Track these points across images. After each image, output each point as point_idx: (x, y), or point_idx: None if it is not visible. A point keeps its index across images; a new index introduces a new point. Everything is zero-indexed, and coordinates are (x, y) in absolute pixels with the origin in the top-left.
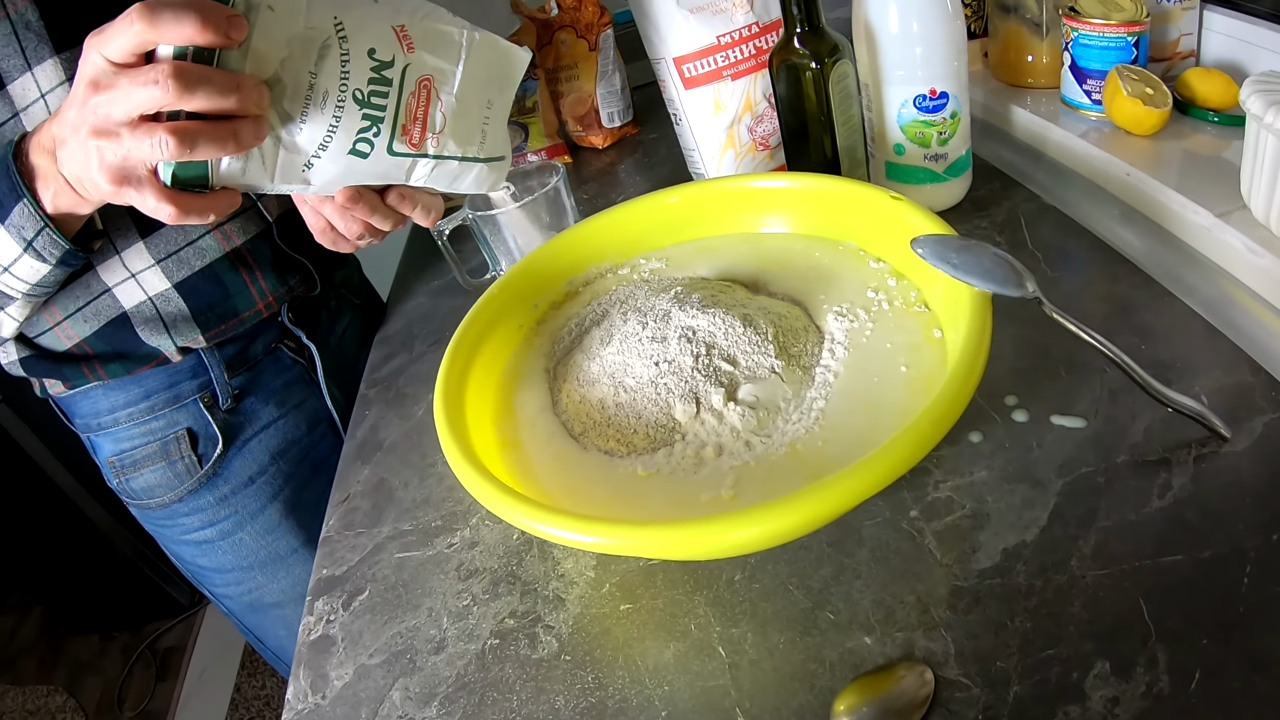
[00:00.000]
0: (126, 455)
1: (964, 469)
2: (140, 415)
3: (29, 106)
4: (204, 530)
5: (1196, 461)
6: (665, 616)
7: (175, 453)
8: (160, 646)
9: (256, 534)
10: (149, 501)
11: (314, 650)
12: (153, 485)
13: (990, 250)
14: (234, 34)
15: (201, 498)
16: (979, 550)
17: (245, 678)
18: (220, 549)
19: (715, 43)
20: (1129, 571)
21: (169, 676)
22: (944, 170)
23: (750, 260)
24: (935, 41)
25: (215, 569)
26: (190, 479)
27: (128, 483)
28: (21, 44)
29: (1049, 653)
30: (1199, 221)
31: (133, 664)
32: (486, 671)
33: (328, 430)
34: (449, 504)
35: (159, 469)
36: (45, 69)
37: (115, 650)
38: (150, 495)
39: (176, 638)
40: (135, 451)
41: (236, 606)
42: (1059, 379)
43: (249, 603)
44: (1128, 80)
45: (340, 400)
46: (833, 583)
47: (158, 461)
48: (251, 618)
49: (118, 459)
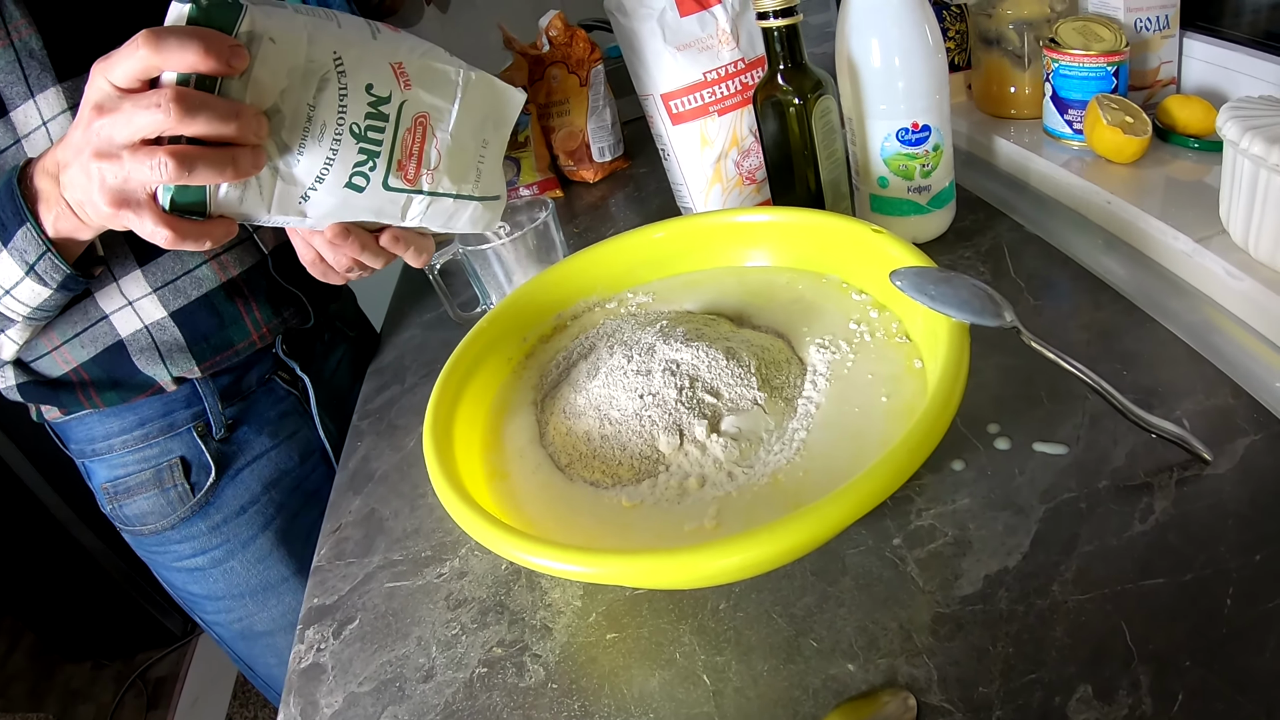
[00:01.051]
0: (120, 482)
1: (946, 496)
2: (134, 442)
3: (30, 134)
4: (196, 558)
5: (1178, 485)
6: (650, 645)
7: (168, 480)
8: (152, 675)
9: (248, 563)
10: (141, 528)
11: (304, 678)
12: (145, 512)
13: (968, 281)
14: (235, 63)
15: (193, 525)
16: (961, 577)
17: (237, 708)
18: (211, 576)
19: (702, 79)
20: (1111, 595)
21: (160, 705)
22: (927, 202)
23: (735, 293)
24: (917, 75)
25: (206, 596)
26: (183, 507)
27: (121, 509)
28: (25, 71)
29: (1031, 677)
30: (1179, 247)
31: (124, 693)
32: (474, 700)
33: (319, 461)
34: (439, 534)
35: (152, 496)
36: (48, 97)
37: (107, 678)
38: (143, 522)
39: (168, 667)
40: (129, 478)
41: (228, 634)
42: (1041, 406)
43: (240, 630)
44: (1107, 109)
45: (333, 431)
46: (816, 610)
47: (151, 489)
48: (242, 645)
49: (111, 485)
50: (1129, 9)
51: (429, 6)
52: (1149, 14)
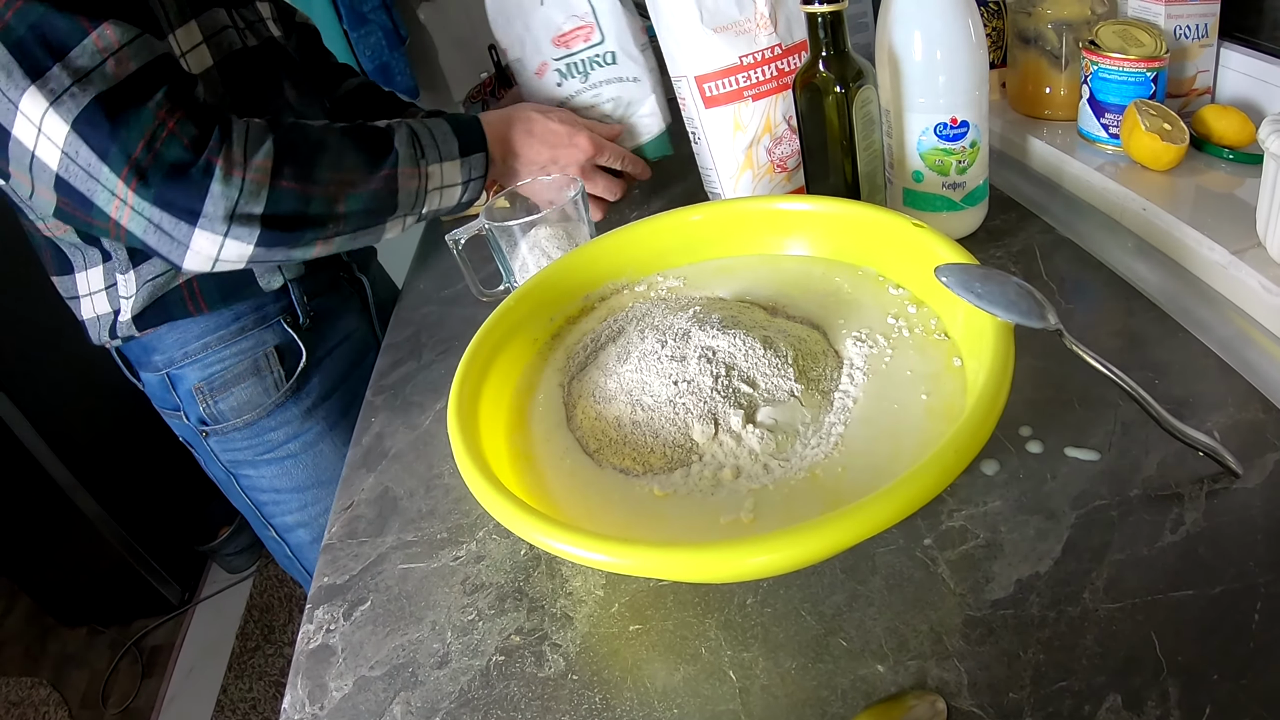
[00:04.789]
0: (217, 377)
1: (978, 499)
2: (230, 337)
3: None
4: (289, 444)
5: (1209, 497)
6: (675, 639)
7: (265, 368)
8: (148, 644)
9: (335, 445)
10: (237, 421)
11: (313, 659)
12: (243, 403)
13: (1014, 281)
14: None
15: (288, 410)
16: (992, 580)
17: (232, 679)
18: (302, 463)
19: (737, 63)
20: (1141, 605)
21: (155, 674)
22: (961, 199)
23: (769, 282)
24: (958, 70)
25: (294, 489)
26: (278, 392)
27: (216, 405)
28: (165, 8)
29: (1061, 685)
30: (1214, 258)
31: (119, 659)
32: (491, 688)
33: (375, 357)
34: (455, 516)
35: (249, 385)
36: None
37: (102, 645)
38: (239, 414)
39: (165, 635)
40: (226, 372)
41: (308, 536)
42: (1073, 411)
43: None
44: (1146, 115)
45: (383, 330)
46: (845, 609)
47: (248, 378)
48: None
49: (206, 383)
50: (1169, 15)
51: None
52: (1189, 21)
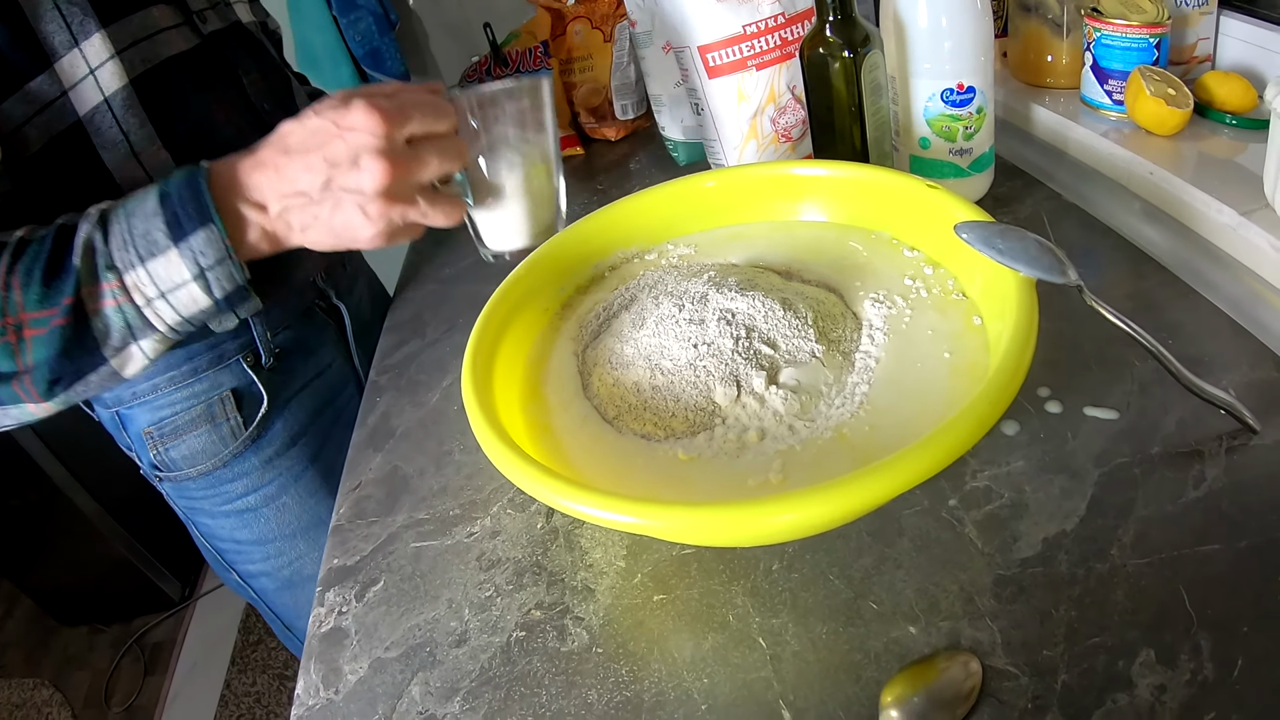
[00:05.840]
0: (167, 423)
1: (1001, 459)
2: (182, 379)
3: (79, 83)
4: (248, 496)
5: (1229, 453)
6: (701, 607)
7: (220, 414)
8: (149, 641)
9: (300, 497)
10: (190, 471)
11: (325, 643)
12: (196, 452)
13: (1034, 238)
14: None
15: (246, 461)
16: (1020, 540)
17: (235, 674)
18: (263, 516)
19: (741, 32)
20: (1169, 561)
21: (158, 671)
22: (968, 165)
23: (783, 248)
24: (964, 36)
25: (255, 541)
26: (235, 441)
27: (166, 452)
28: (66, 18)
29: (1094, 641)
30: (1223, 220)
31: (121, 657)
32: (513, 665)
33: (355, 392)
34: (468, 492)
35: (203, 433)
36: (93, 43)
37: (104, 644)
38: (192, 464)
39: (166, 632)
40: (176, 418)
41: (272, 584)
42: (1090, 371)
43: (287, 577)
44: (1151, 80)
45: (365, 361)
46: (874, 572)
47: (201, 425)
48: (285, 595)
49: (156, 428)
50: None
51: None
52: None
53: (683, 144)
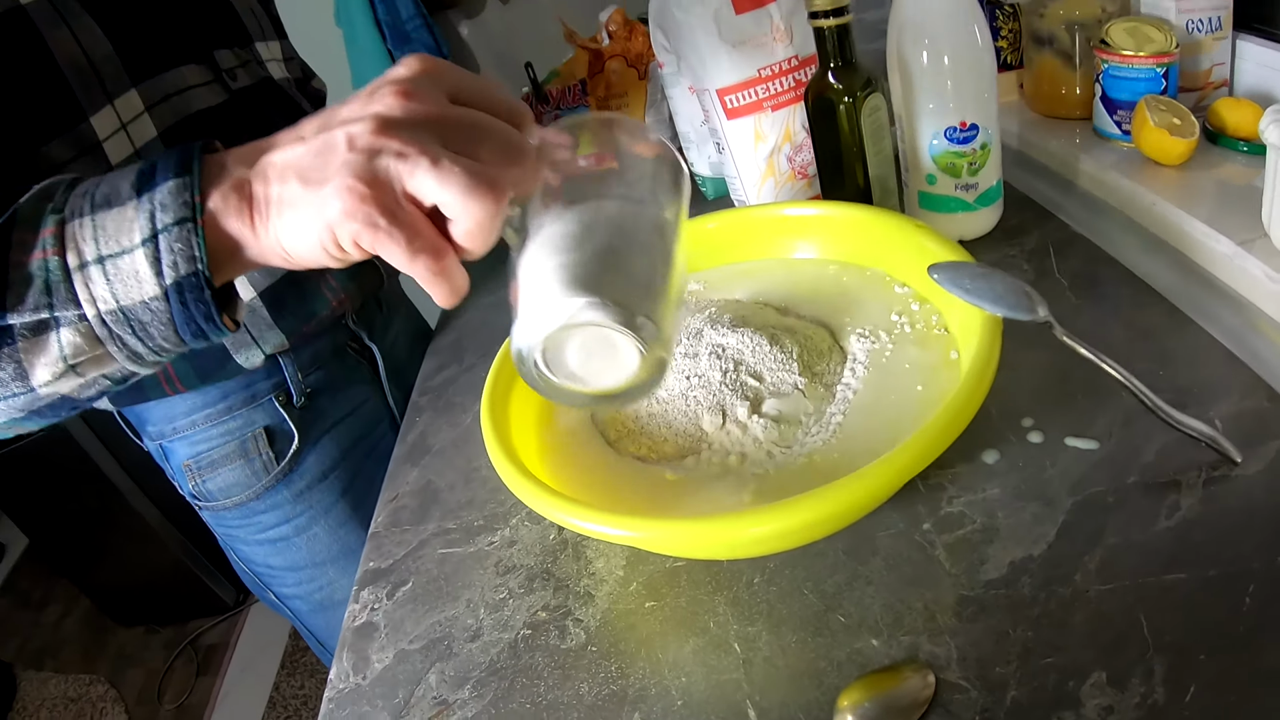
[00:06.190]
0: (204, 456)
1: (978, 486)
2: (217, 416)
3: (110, 137)
4: (280, 527)
5: (1206, 484)
6: (687, 614)
7: (253, 450)
8: (203, 643)
9: (330, 528)
10: (225, 501)
11: (358, 635)
12: (230, 484)
13: (1003, 277)
14: None
15: (278, 494)
16: (987, 562)
17: (284, 677)
18: (295, 545)
19: (756, 75)
20: (1132, 587)
21: (209, 672)
22: (974, 200)
23: (783, 284)
24: (965, 75)
25: (288, 567)
26: (267, 476)
27: (204, 484)
28: (100, 75)
29: (1048, 661)
30: (1221, 250)
31: (175, 658)
32: (518, 659)
33: (388, 428)
34: (491, 505)
35: (237, 467)
36: (128, 99)
37: (158, 644)
38: (227, 495)
39: (219, 635)
40: (212, 452)
41: (305, 606)
42: (1076, 402)
43: (319, 600)
44: (1155, 111)
45: (398, 399)
46: (846, 588)
47: (235, 460)
48: (318, 617)
49: (194, 461)
50: (1180, 10)
51: None
52: (1201, 15)
53: (710, 179)
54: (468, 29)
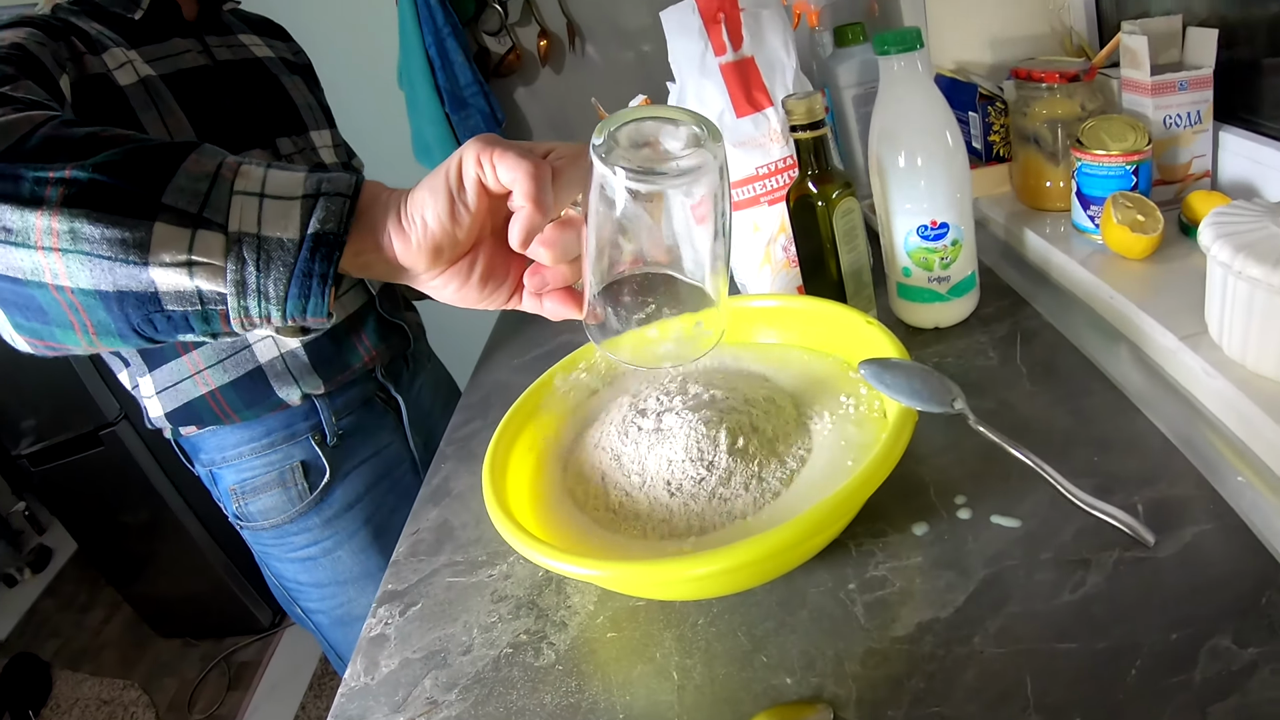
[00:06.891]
0: (247, 483)
1: (904, 554)
2: (261, 449)
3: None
4: (309, 548)
5: (1116, 564)
6: (639, 645)
7: (290, 480)
8: (236, 659)
9: (353, 552)
10: (264, 523)
11: (372, 644)
12: (269, 508)
13: (923, 372)
14: None
15: (309, 519)
16: (898, 620)
17: (311, 699)
18: (321, 565)
19: (754, 173)
20: (1024, 652)
21: (240, 688)
22: (947, 291)
23: (755, 365)
24: (937, 177)
25: (314, 584)
26: (301, 503)
27: (246, 506)
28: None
29: (934, 710)
30: (1165, 344)
31: (208, 671)
32: (499, 671)
33: (409, 469)
34: (495, 543)
35: (275, 494)
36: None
37: (194, 656)
38: (265, 517)
39: (253, 654)
40: (255, 479)
41: (327, 620)
42: (1009, 484)
43: (339, 616)
44: (1120, 208)
45: (419, 445)
46: (773, 633)
47: (274, 488)
48: (339, 631)
49: (239, 486)
50: (1157, 107)
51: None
52: (1179, 110)
53: None
54: (521, 97)
